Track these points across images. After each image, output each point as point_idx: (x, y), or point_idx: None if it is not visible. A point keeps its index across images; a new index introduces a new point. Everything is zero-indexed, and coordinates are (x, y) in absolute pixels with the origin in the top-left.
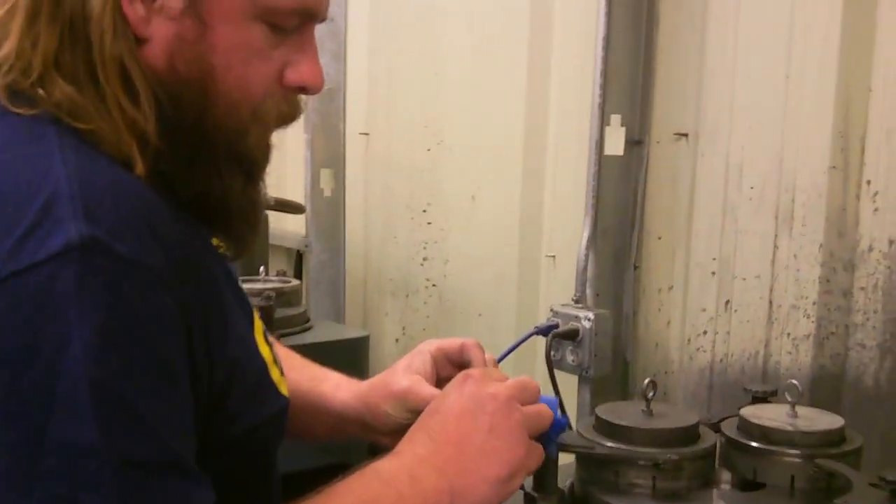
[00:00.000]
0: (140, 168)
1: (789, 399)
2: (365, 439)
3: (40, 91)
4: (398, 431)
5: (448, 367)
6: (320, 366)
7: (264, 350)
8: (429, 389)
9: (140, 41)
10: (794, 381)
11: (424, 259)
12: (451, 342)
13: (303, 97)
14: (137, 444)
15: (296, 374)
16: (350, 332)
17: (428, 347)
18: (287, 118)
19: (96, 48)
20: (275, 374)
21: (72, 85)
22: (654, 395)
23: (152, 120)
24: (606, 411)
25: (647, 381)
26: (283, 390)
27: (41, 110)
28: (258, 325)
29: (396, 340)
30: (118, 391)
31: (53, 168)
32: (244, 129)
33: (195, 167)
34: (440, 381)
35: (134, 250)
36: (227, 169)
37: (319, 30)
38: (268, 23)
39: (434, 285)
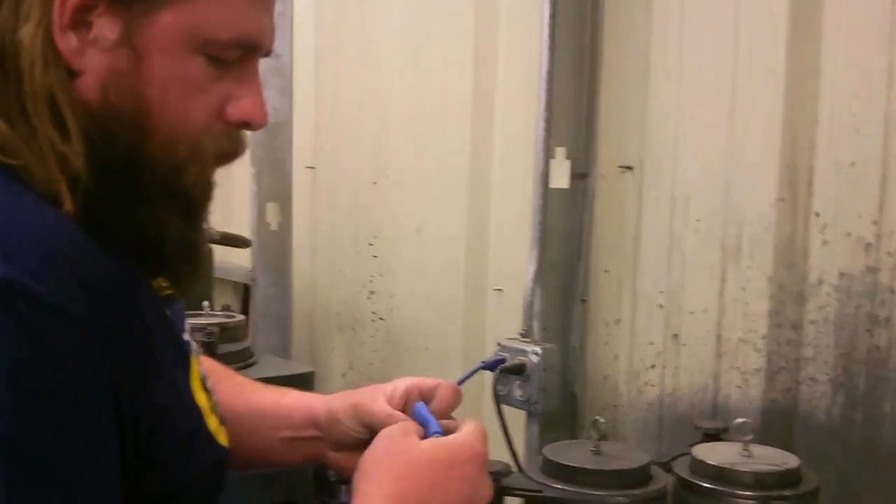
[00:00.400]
0: (69, 206)
1: (742, 437)
2: (315, 458)
3: None
4: (347, 445)
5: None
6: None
7: (200, 398)
8: (381, 406)
9: (73, 74)
10: (746, 420)
11: (371, 293)
12: (428, 380)
13: (249, 132)
14: (47, 498)
15: (246, 388)
16: (295, 367)
17: (404, 381)
18: (228, 155)
19: (26, 81)
20: (212, 422)
21: (2, 119)
22: (600, 435)
23: (82, 156)
24: (554, 451)
25: (593, 420)
26: (222, 439)
27: None
28: (195, 371)
29: (343, 375)
30: (28, 441)
31: None
32: (181, 166)
33: (129, 205)
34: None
35: (53, 293)
36: (163, 207)
37: (265, 65)
38: (207, 55)
39: (381, 319)
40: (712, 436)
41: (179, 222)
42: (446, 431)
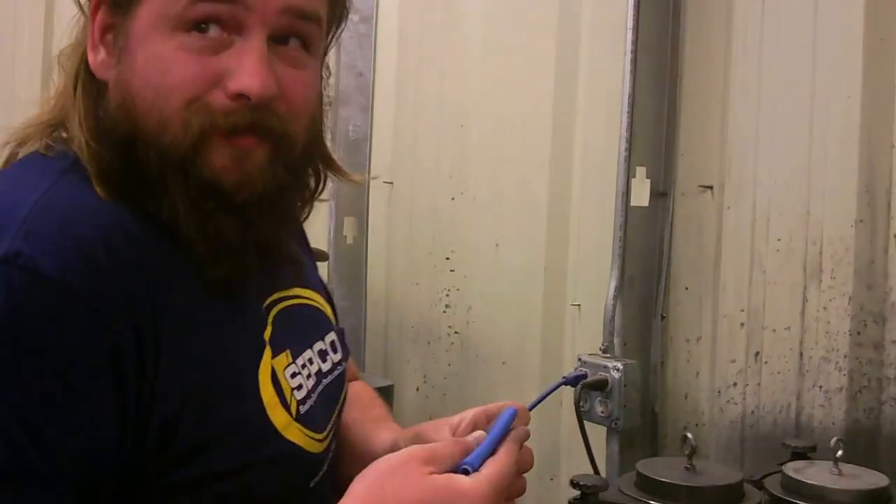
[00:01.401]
0: (103, 195)
1: (836, 455)
2: None
3: (64, 135)
4: None
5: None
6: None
7: (266, 392)
8: (443, 435)
9: (104, 86)
10: (840, 439)
11: (447, 306)
12: (496, 405)
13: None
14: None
15: (357, 413)
16: (371, 381)
17: (472, 410)
18: (222, 130)
19: (70, 94)
20: (278, 418)
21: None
22: (691, 451)
23: (110, 154)
24: (647, 467)
25: (683, 435)
26: (291, 436)
27: (61, 152)
28: (266, 365)
29: (417, 389)
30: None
31: (30, 196)
32: (176, 147)
33: (151, 196)
34: None
35: (57, 269)
36: (184, 200)
37: (348, 84)
38: (183, 29)
39: (456, 332)
40: (801, 454)
41: (188, 205)
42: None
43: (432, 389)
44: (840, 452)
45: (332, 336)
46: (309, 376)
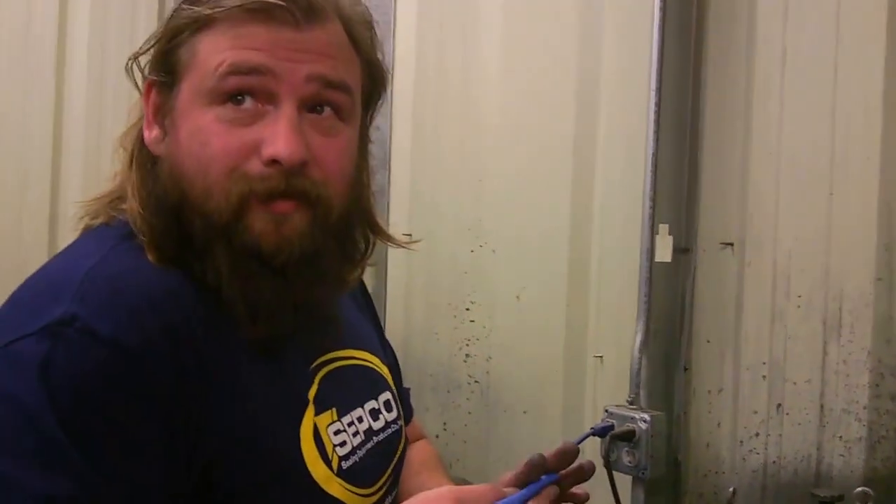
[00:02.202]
0: (153, 258)
1: None
2: None
3: (123, 207)
4: None
5: None
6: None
7: (306, 446)
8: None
9: (156, 160)
10: (867, 489)
11: (467, 356)
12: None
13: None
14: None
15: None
16: None
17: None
18: (262, 195)
19: (128, 170)
20: (319, 472)
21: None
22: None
23: (159, 223)
24: None
25: (731, 489)
26: (333, 490)
27: (121, 222)
28: (307, 421)
29: (437, 436)
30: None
31: (86, 263)
32: (218, 214)
33: (199, 259)
34: None
35: (111, 330)
36: (221, 257)
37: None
38: (221, 103)
39: (476, 381)
40: (829, 503)
41: (233, 269)
42: None
43: (452, 437)
44: (868, 502)
45: (386, 395)
46: (356, 434)
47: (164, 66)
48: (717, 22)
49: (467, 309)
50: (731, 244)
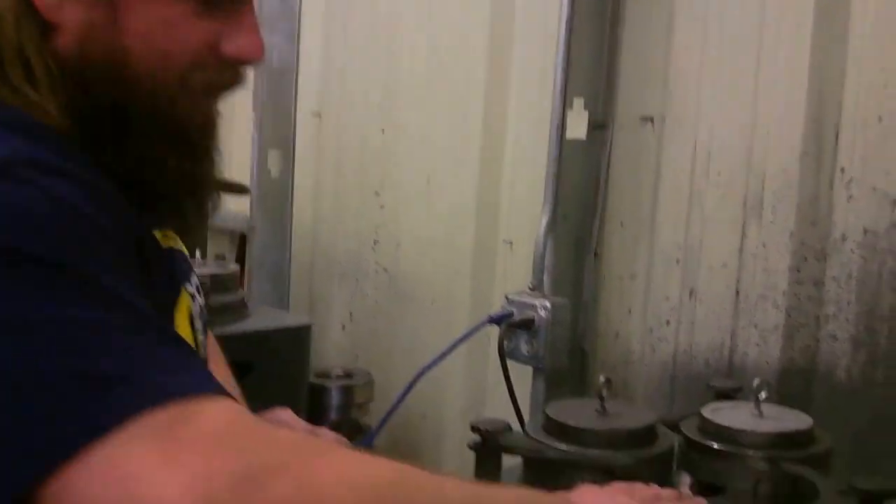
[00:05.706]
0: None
1: (758, 397)
2: None
3: None
4: None
5: None
6: None
7: (182, 331)
8: None
9: (50, 28)
10: (763, 379)
11: (375, 242)
12: None
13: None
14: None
15: None
16: (291, 319)
17: None
18: (218, 87)
19: (2, 37)
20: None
21: None
22: (604, 393)
23: (56, 108)
24: (557, 410)
25: (602, 378)
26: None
27: None
28: (184, 307)
29: (343, 327)
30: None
31: None
32: (169, 101)
33: (122, 150)
34: None
35: (56, 160)
36: (157, 145)
37: (272, 9)
38: None
39: (385, 270)
40: (726, 395)
41: (177, 159)
42: None
43: (359, 327)
44: (764, 394)
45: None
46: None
47: None
48: None
49: (377, 193)
50: (651, 119)
